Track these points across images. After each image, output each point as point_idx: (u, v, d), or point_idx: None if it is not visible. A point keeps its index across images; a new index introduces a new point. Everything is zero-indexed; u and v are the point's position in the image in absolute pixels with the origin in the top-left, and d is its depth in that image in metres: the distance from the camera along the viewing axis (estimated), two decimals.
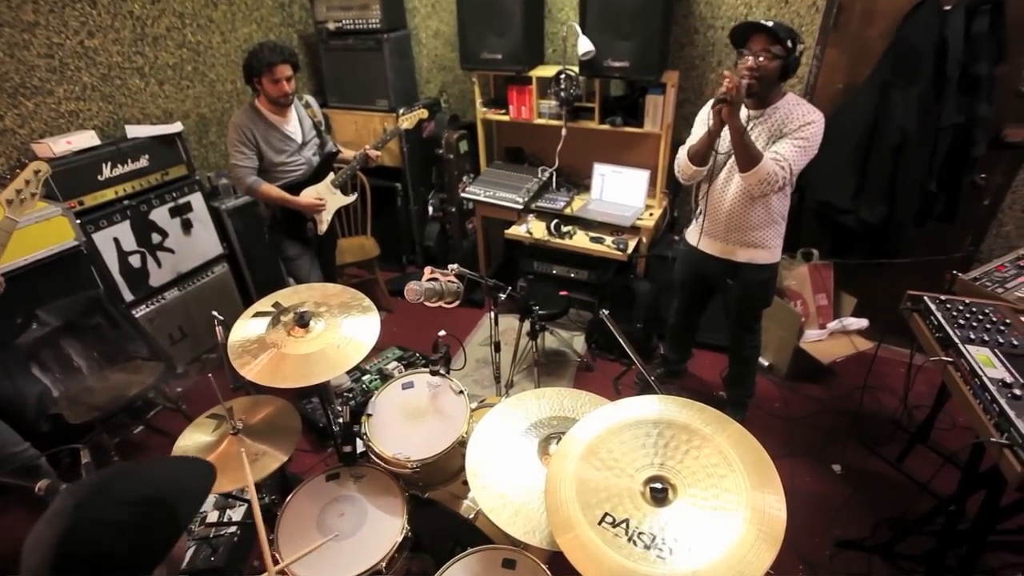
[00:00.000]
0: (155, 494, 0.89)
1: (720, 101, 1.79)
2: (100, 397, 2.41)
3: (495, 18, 2.96)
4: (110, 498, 0.85)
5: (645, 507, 1.11)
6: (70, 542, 0.80)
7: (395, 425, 1.75)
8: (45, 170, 1.83)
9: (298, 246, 2.71)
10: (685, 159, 2.14)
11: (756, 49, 1.87)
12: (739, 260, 2.21)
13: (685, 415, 1.26)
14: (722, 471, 1.13)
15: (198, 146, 3.32)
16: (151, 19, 2.96)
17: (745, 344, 2.49)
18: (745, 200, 2.09)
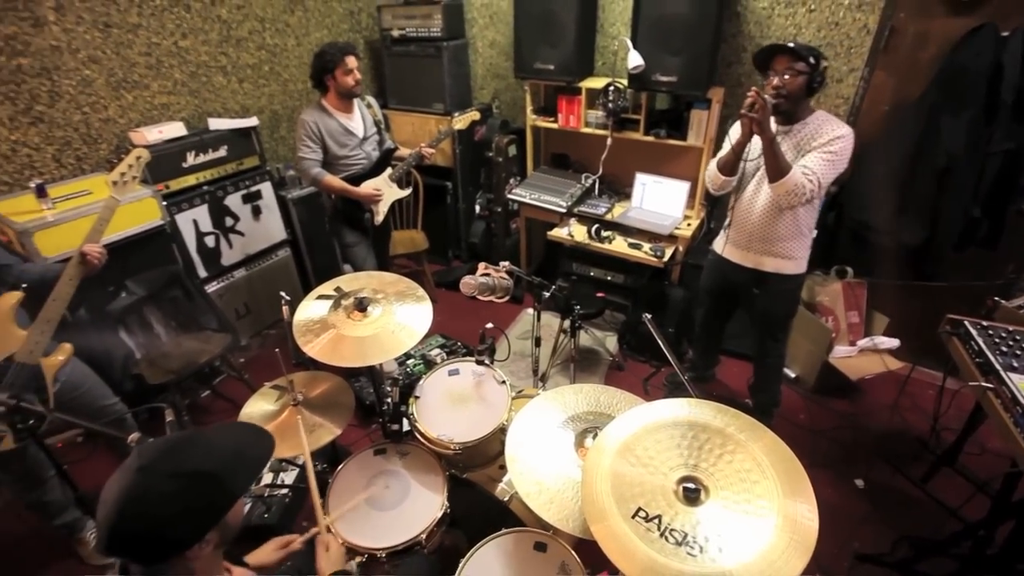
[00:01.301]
0: (211, 469, 0.91)
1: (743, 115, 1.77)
2: (175, 362, 2.53)
3: (550, 31, 2.95)
4: (169, 468, 0.88)
5: (678, 505, 1.09)
6: (129, 500, 0.84)
7: (440, 408, 1.77)
8: (145, 156, 1.92)
9: (355, 234, 2.78)
10: (715, 169, 2.12)
11: (780, 69, 1.84)
12: (765, 270, 2.16)
13: (720, 420, 1.24)
14: (755, 477, 1.11)
15: (270, 139, 3.42)
16: (236, 23, 3.06)
17: (770, 352, 2.42)
18: (773, 211, 2.03)
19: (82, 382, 1.97)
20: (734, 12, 2.81)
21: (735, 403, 1.29)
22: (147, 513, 0.84)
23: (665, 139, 2.97)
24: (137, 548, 0.85)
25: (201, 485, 0.89)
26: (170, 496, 0.85)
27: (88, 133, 2.59)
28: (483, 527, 1.62)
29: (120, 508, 0.82)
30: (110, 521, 0.82)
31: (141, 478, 0.85)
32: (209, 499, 0.90)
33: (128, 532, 0.83)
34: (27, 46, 2.31)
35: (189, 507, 0.87)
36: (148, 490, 0.84)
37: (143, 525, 0.84)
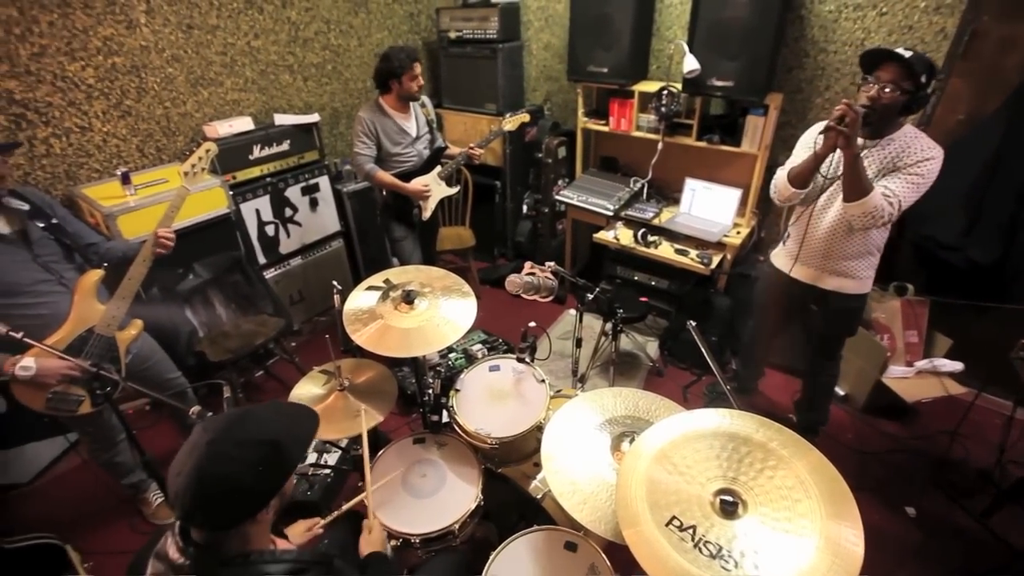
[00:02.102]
0: (272, 438, 0.96)
1: (832, 127, 1.62)
2: (233, 342, 2.66)
3: (605, 34, 2.92)
4: (236, 437, 0.93)
5: (714, 517, 1.06)
6: (205, 469, 0.89)
7: (479, 403, 1.79)
8: (214, 149, 2.03)
9: (404, 229, 2.85)
10: (784, 180, 1.96)
11: (884, 79, 1.65)
12: (827, 288, 2.04)
13: (762, 434, 1.20)
14: (797, 495, 1.06)
15: (329, 135, 3.55)
16: (304, 24, 3.19)
17: (824, 371, 2.31)
18: (843, 229, 1.90)
19: (151, 355, 2.11)
20: (797, 16, 2.69)
21: (778, 418, 1.24)
22: (223, 479, 0.89)
23: (718, 145, 2.88)
24: (215, 512, 0.90)
25: (266, 451, 0.94)
26: (241, 462, 0.91)
27: (168, 126, 2.76)
28: (515, 522, 1.63)
29: (199, 476, 0.88)
30: (190, 490, 0.88)
31: (214, 448, 0.90)
32: (274, 464, 0.95)
33: (207, 497, 0.89)
34: (121, 46, 2.49)
35: (258, 472, 0.92)
36: (221, 458, 0.90)
37: (220, 490, 0.89)
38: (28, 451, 2.44)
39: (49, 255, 1.78)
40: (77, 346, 1.75)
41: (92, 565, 1.99)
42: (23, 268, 1.70)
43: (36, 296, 1.72)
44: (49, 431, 2.44)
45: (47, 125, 2.36)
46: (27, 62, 2.24)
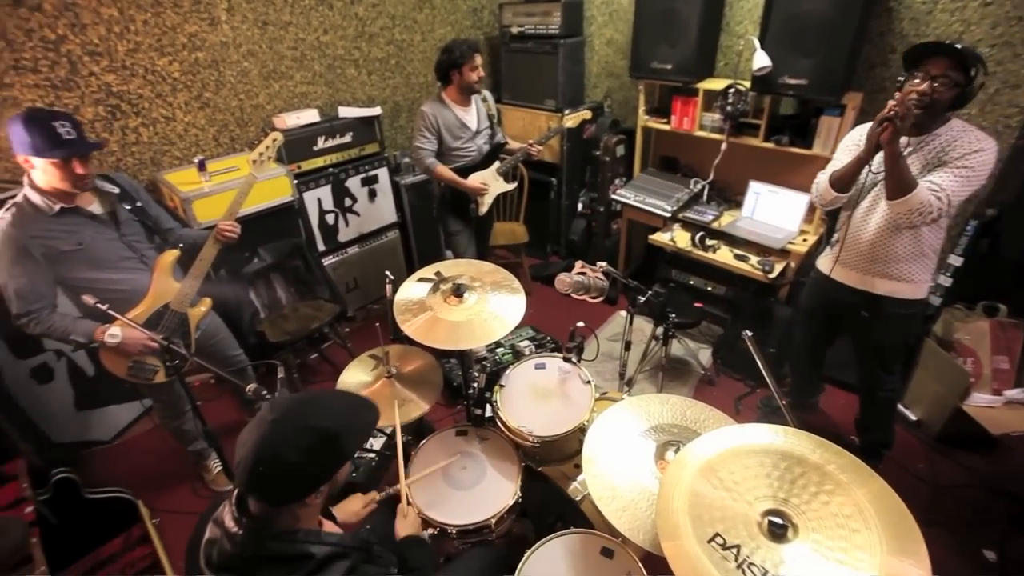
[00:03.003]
0: (330, 428, 0.99)
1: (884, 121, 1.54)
2: (291, 324, 2.80)
3: (671, 29, 2.83)
4: (297, 422, 0.98)
5: (760, 538, 1.01)
6: (263, 448, 0.94)
7: (523, 400, 1.79)
8: (280, 139, 2.13)
9: (460, 223, 2.89)
10: (826, 184, 1.89)
11: (935, 73, 1.58)
12: (878, 292, 1.92)
13: (819, 455, 1.13)
14: (855, 525, 0.99)
15: (390, 128, 3.64)
16: (370, 20, 3.29)
17: (881, 385, 2.15)
18: (890, 229, 1.80)
19: (217, 332, 2.26)
20: (884, 8, 2.51)
21: (839, 439, 1.17)
22: (279, 459, 0.93)
23: (787, 147, 2.73)
24: (268, 488, 0.96)
25: (323, 441, 0.98)
26: (297, 447, 0.95)
27: (241, 117, 2.93)
28: (551, 522, 1.63)
29: (257, 451, 0.93)
30: (248, 463, 0.93)
31: (275, 428, 0.95)
32: (328, 454, 0.99)
33: (262, 473, 0.94)
34: (203, 42, 2.66)
35: (312, 459, 0.96)
36: (280, 439, 0.95)
37: (274, 469, 0.94)
38: (110, 412, 2.67)
39: (133, 235, 1.93)
40: (154, 320, 1.90)
41: (159, 522, 2.16)
42: (111, 245, 1.86)
43: (120, 271, 1.88)
44: (128, 396, 2.66)
45: (137, 115, 2.56)
46: (123, 57, 2.44)
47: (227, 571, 0.98)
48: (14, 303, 1.70)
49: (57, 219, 1.72)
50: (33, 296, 1.71)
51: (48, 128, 1.58)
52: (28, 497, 1.71)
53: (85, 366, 2.51)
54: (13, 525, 1.56)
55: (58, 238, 1.72)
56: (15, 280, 1.69)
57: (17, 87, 2.20)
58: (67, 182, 1.67)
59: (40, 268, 1.71)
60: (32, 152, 1.59)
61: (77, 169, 1.66)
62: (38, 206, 1.69)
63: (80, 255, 1.77)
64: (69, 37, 2.27)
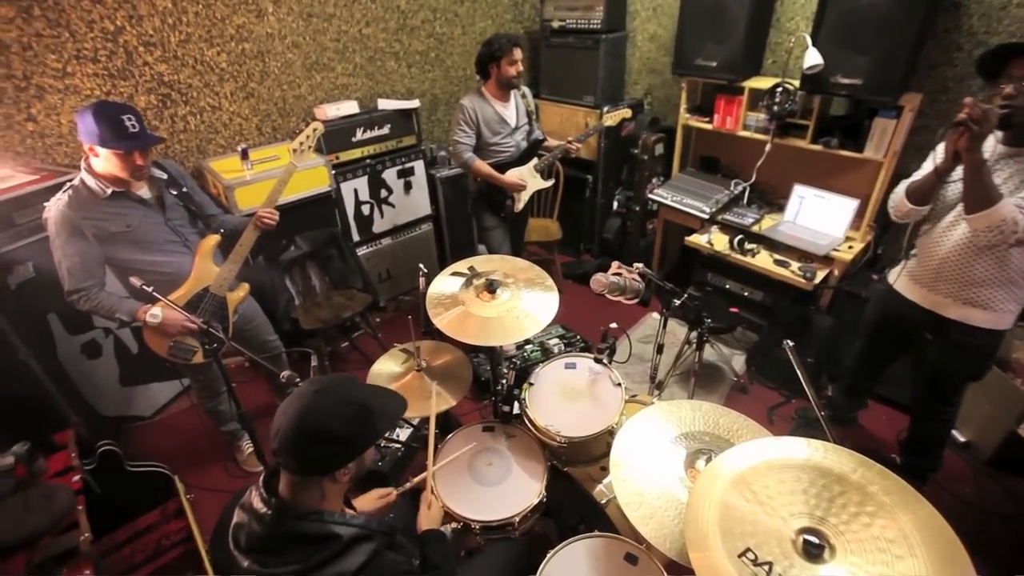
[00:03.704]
0: (367, 403, 1.06)
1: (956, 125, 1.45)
2: (324, 313, 2.86)
3: (717, 25, 2.75)
4: (338, 394, 1.04)
5: (794, 557, 0.98)
6: (307, 413, 1.00)
7: (552, 399, 1.79)
8: (321, 129, 2.18)
9: (495, 219, 2.89)
10: (903, 195, 1.78)
11: (1018, 74, 1.46)
12: (947, 316, 1.79)
13: (861, 475, 1.09)
14: (898, 551, 0.95)
15: (427, 121, 3.67)
16: (412, 12, 3.31)
17: (937, 414, 2.03)
18: (970, 248, 1.66)
19: (253, 317, 2.33)
20: (953, 3, 2.37)
21: (877, 456, 1.11)
22: (320, 424, 0.99)
23: (836, 149, 2.63)
24: (306, 454, 1.00)
25: (360, 414, 1.04)
26: (337, 415, 1.01)
27: (283, 107, 3.00)
28: (575, 524, 1.62)
29: (300, 418, 0.99)
30: (291, 429, 0.98)
31: (318, 398, 1.01)
32: (364, 425, 1.05)
33: (302, 439, 0.99)
34: (250, 33, 2.73)
35: (349, 429, 1.02)
36: (323, 407, 1.01)
37: (314, 436, 0.99)
38: (152, 389, 2.79)
39: (178, 219, 2.01)
40: (194, 303, 1.98)
41: (193, 497, 2.24)
42: (157, 229, 1.94)
43: (164, 254, 1.96)
44: (168, 374, 2.77)
45: (186, 104, 2.65)
46: (175, 48, 2.52)
47: (255, 551, 1.01)
48: (66, 280, 1.80)
49: (109, 202, 1.80)
50: (84, 275, 1.80)
51: (117, 121, 1.67)
52: (76, 466, 1.80)
53: (130, 344, 2.63)
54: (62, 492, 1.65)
55: (109, 220, 1.81)
56: (68, 259, 1.78)
57: (78, 76, 2.31)
58: (126, 171, 1.76)
59: (92, 248, 1.80)
60: (98, 142, 1.68)
61: (137, 160, 1.75)
62: (92, 189, 1.77)
63: (128, 237, 1.85)
64: (127, 28, 2.36)
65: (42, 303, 2.21)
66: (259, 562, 0.99)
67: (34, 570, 1.47)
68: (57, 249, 1.78)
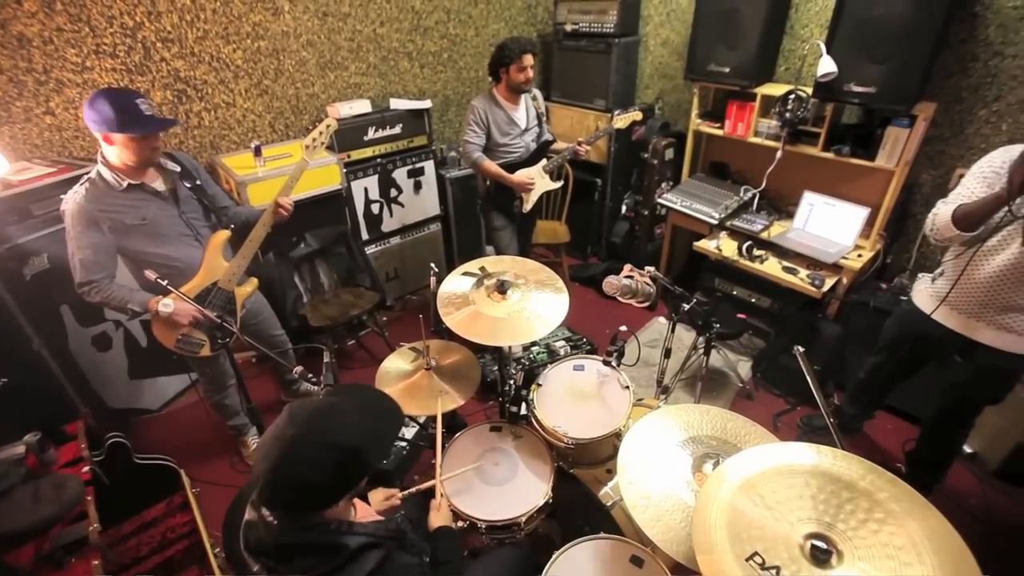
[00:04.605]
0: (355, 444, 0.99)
1: None
2: (332, 310, 2.88)
3: (731, 31, 2.76)
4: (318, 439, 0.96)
5: (802, 562, 0.99)
6: (282, 466, 0.94)
7: (560, 400, 1.79)
8: (334, 126, 2.17)
9: (503, 219, 2.90)
10: (948, 220, 1.64)
11: None
12: (980, 340, 1.75)
13: (870, 482, 1.09)
14: (907, 558, 0.96)
15: (438, 122, 3.69)
16: (426, 13, 3.34)
17: (952, 435, 2.03)
18: (1015, 277, 1.61)
19: (260, 311, 2.35)
20: (968, 13, 2.37)
21: (884, 466, 1.12)
22: (298, 477, 0.94)
23: (848, 157, 2.63)
24: (287, 503, 0.97)
25: (347, 457, 0.98)
26: (317, 464, 0.95)
27: (297, 105, 3.03)
28: (580, 526, 1.62)
29: (276, 469, 0.94)
30: (268, 480, 0.94)
31: (296, 445, 0.94)
32: (351, 467, 1.00)
33: (282, 490, 0.95)
34: (266, 31, 2.76)
35: (334, 476, 0.97)
36: (303, 458, 0.94)
37: (294, 486, 0.95)
38: (159, 383, 2.82)
39: (191, 212, 2.03)
40: (202, 297, 2.00)
41: (199, 491, 2.26)
42: (171, 221, 1.96)
43: (177, 247, 1.98)
44: (176, 368, 2.80)
45: (201, 100, 2.68)
46: (192, 44, 2.56)
47: (263, 555, 1.02)
48: (78, 271, 1.81)
49: (125, 194, 1.82)
50: (96, 267, 1.82)
51: (131, 105, 1.69)
52: (85, 457, 1.83)
53: (139, 336, 2.65)
54: (72, 482, 1.67)
55: (125, 212, 1.83)
56: (82, 251, 1.79)
57: (97, 70, 2.34)
58: (142, 155, 1.78)
59: (106, 240, 1.82)
60: (115, 127, 1.68)
61: (153, 143, 1.77)
62: (108, 182, 1.80)
63: (144, 229, 1.87)
64: (145, 24, 2.40)
65: (55, 294, 2.24)
66: (267, 568, 1.00)
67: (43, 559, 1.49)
68: (72, 240, 1.80)
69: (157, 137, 1.79)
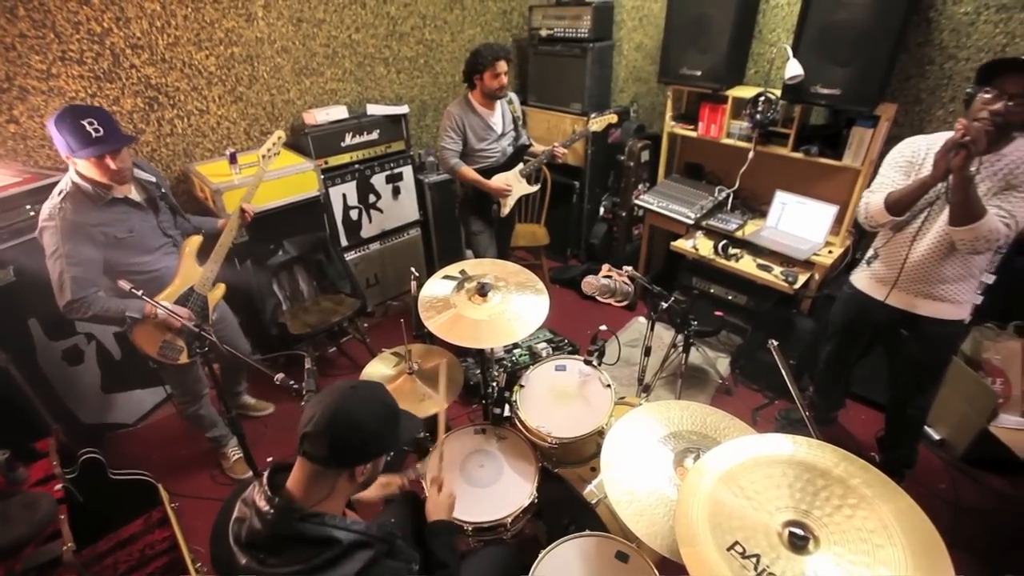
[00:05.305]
0: (396, 408, 1.13)
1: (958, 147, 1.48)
2: (312, 317, 2.85)
3: (702, 35, 2.83)
4: (372, 394, 1.11)
5: (780, 549, 1.02)
6: (343, 404, 1.05)
7: (543, 401, 1.81)
8: (284, 137, 2.24)
9: (481, 223, 2.91)
10: (880, 207, 1.81)
11: (1011, 91, 1.50)
12: (920, 312, 1.89)
13: (843, 469, 1.13)
14: (879, 540, 0.99)
15: (416, 127, 3.69)
16: (401, 19, 3.34)
17: (910, 403, 2.13)
18: (941, 252, 1.76)
19: (224, 317, 2.34)
20: (924, 18, 2.47)
21: (859, 455, 1.16)
22: (354, 416, 1.04)
23: (816, 157, 2.71)
24: (335, 443, 1.02)
25: (391, 416, 1.11)
26: (370, 412, 1.07)
27: (272, 111, 3.00)
28: (566, 524, 1.63)
29: (337, 407, 1.03)
30: (325, 418, 1.02)
31: (354, 393, 1.08)
32: (391, 426, 1.11)
33: (336, 426, 1.02)
34: (239, 37, 2.73)
35: (379, 425, 1.07)
36: (358, 402, 1.07)
37: (347, 424, 1.03)
38: (134, 396, 2.75)
39: (167, 221, 2.04)
40: (181, 301, 2.00)
41: (177, 506, 2.21)
42: (151, 231, 1.97)
43: (157, 256, 1.98)
44: (152, 381, 2.73)
45: (173, 107, 2.64)
46: (163, 51, 2.51)
47: (254, 548, 1.01)
48: (69, 289, 1.73)
49: (109, 207, 1.81)
50: (87, 283, 1.77)
51: (77, 127, 1.62)
52: (58, 475, 1.77)
53: (113, 349, 2.59)
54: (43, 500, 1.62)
55: (113, 225, 1.82)
56: (73, 268, 1.73)
57: (63, 78, 2.29)
58: (105, 176, 1.74)
59: (96, 255, 1.79)
60: (68, 151, 1.66)
61: (110, 164, 1.71)
62: (89, 194, 1.75)
63: (131, 242, 1.88)
64: (114, 30, 2.35)
65: (22, 308, 2.17)
66: (258, 560, 0.99)
67: None
68: (60, 258, 1.71)
69: (116, 156, 1.72)
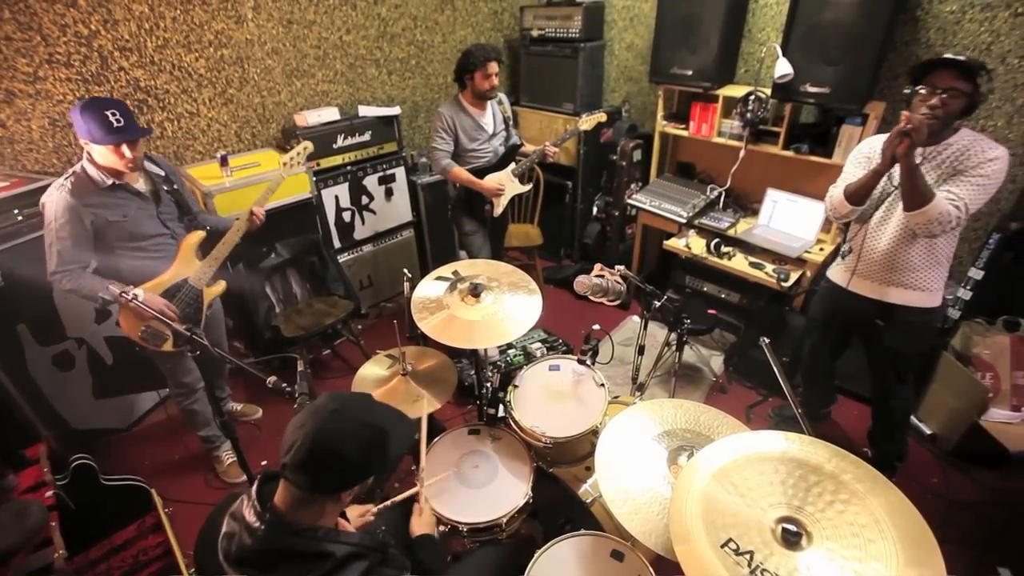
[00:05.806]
0: (384, 428, 1.04)
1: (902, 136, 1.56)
2: (306, 320, 2.83)
3: (692, 35, 2.84)
4: (357, 415, 1.03)
5: (774, 545, 1.02)
6: (324, 432, 0.98)
7: (537, 401, 1.81)
8: (310, 148, 2.34)
9: (474, 224, 2.91)
10: (841, 198, 1.91)
11: (943, 86, 1.60)
12: (891, 301, 1.94)
13: (835, 465, 1.13)
14: (871, 535, 1.00)
15: (408, 128, 3.68)
16: (392, 20, 3.33)
17: (893, 394, 2.15)
18: (905, 239, 1.83)
19: (215, 315, 2.35)
20: (911, 17, 2.49)
21: (851, 451, 1.16)
22: (336, 447, 0.98)
23: (807, 155, 2.73)
24: (318, 473, 0.98)
25: (376, 438, 1.02)
26: (354, 437, 0.99)
27: (263, 114, 2.98)
28: (561, 524, 1.63)
29: (316, 437, 0.96)
30: (304, 446, 0.96)
31: (336, 418, 1.00)
32: (378, 452, 1.03)
33: (316, 458, 0.96)
34: (229, 39, 2.71)
35: (364, 454, 1.00)
36: (340, 429, 0.99)
37: (329, 456, 0.97)
38: (127, 401, 2.72)
39: (168, 213, 2.08)
40: (172, 291, 2.04)
41: (171, 511, 2.19)
42: (150, 221, 2.02)
43: (153, 244, 2.03)
44: (145, 385, 2.71)
45: (163, 110, 2.62)
46: (152, 53, 2.49)
47: (245, 564, 0.99)
48: (54, 260, 1.85)
49: (108, 192, 1.89)
50: (71, 257, 1.86)
51: (101, 116, 1.76)
52: (48, 481, 1.76)
53: (104, 354, 2.56)
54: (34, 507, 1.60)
55: (108, 208, 1.89)
56: (60, 241, 1.83)
57: (50, 80, 2.27)
58: (119, 163, 1.85)
59: (85, 235, 1.87)
60: (89, 138, 1.78)
61: (126, 152, 1.83)
62: (93, 178, 1.86)
63: (123, 226, 1.94)
64: (101, 32, 2.33)
65: (11, 313, 2.15)
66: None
67: None
68: (51, 232, 1.83)
69: (133, 146, 1.85)
